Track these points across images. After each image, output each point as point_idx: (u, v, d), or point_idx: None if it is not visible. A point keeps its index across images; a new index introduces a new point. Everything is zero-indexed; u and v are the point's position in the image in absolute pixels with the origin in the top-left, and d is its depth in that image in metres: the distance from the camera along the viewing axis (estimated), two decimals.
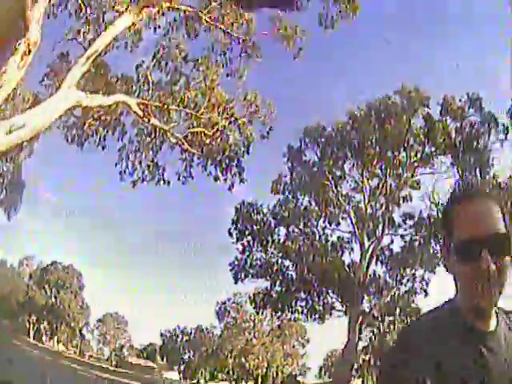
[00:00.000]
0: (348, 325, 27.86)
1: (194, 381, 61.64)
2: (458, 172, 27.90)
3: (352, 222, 30.10)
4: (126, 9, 14.43)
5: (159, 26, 19.15)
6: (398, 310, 32.07)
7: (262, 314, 34.84)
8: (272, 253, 30.91)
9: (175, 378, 63.16)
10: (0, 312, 49.90)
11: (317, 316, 29.90)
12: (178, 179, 20.91)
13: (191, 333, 63.84)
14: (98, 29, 16.75)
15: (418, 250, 28.68)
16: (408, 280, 30.02)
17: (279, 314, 31.45)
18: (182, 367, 64.40)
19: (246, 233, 31.13)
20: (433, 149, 28.54)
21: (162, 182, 20.90)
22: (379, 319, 35.31)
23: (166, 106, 18.69)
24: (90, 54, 13.35)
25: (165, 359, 66.40)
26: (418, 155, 28.93)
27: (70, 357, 42.32)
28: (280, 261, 30.69)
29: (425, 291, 30.24)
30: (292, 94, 56.95)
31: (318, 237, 30.38)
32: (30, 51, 10.19)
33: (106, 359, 68.90)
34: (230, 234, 31.09)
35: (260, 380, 56.74)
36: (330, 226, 30.63)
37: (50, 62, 18.52)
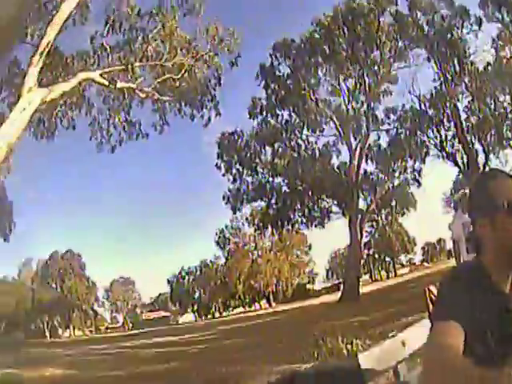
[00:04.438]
0: (348, 224, 28.20)
1: (209, 316, 63.20)
2: (435, 64, 27.44)
3: (335, 125, 29.72)
4: None
5: None
6: (394, 202, 32.59)
7: (263, 233, 35.18)
8: (262, 173, 30.82)
9: (191, 319, 64.73)
10: (11, 326, 49.46)
11: (316, 222, 30.31)
12: (155, 130, 21.31)
13: (196, 270, 64.91)
14: (43, 20, 15.35)
15: (404, 142, 28.49)
16: (400, 173, 30.16)
17: (280, 229, 31.72)
18: (196, 307, 65.65)
19: (233, 162, 30.86)
20: (406, 42, 27.80)
21: (140, 136, 21.11)
22: (376, 213, 35.99)
23: (128, 66, 18.01)
24: (42, 48, 12.53)
25: (177, 304, 67.64)
26: (392, 51, 28.19)
27: (87, 339, 42.80)
28: (271, 179, 30.65)
29: (417, 181, 30.35)
30: (257, 14, 54.66)
31: (304, 147, 30.07)
32: None
33: (122, 325, 70.12)
34: (219, 168, 30.88)
35: (272, 297, 58.47)
36: (315, 133, 30.23)
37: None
